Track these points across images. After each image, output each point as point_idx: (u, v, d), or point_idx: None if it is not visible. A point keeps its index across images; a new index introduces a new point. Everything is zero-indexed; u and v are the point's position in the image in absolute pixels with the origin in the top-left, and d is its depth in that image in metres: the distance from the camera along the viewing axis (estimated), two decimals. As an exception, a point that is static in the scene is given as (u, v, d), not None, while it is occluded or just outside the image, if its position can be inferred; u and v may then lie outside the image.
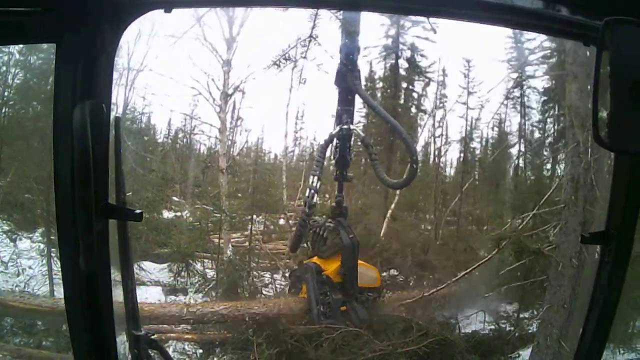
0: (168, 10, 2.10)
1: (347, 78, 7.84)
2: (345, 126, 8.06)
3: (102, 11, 1.95)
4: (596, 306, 2.34)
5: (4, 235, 10.47)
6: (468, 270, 10.38)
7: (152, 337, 2.23)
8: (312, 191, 8.05)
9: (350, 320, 8.58)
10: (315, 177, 8.06)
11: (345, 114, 8.12)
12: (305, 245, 9.81)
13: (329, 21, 9.94)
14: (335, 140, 8.33)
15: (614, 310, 2.32)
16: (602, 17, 1.71)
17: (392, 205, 13.21)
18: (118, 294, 2.18)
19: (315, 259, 9.11)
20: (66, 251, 2.00)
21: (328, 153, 8.72)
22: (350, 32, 7.82)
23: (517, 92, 13.79)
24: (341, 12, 8.64)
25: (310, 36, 10.93)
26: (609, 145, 1.78)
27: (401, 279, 11.85)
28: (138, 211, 2.10)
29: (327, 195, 14.76)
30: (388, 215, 13.13)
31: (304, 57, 11.50)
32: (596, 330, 2.36)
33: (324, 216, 9.48)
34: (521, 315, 10.37)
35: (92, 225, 1.91)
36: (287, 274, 10.63)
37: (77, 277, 1.99)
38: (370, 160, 8.93)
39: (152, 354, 2.25)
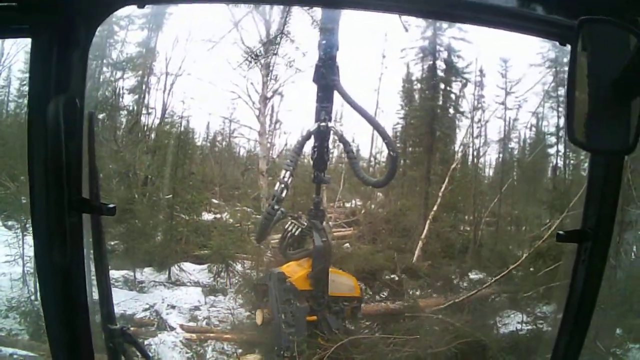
0: (141, 5, 2.12)
1: (325, 74, 7.75)
2: (323, 123, 7.93)
3: (76, 6, 1.97)
4: (573, 306, 2.35)
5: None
6: (502, 274, 10.25)
7: (127, 331, 2.24)
8: (282, 185, 7.89)
9: (320, 330, 8.36)
10: (288, 172, 7.89)
11: (323, 111, 7.98)
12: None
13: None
14: (313, 140, 8.21)
15: (591, 310, 2.33)
16: (577, 16, 1.71)
17: (435, 207, 12.99)
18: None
19: (281, 267, 8.92)
20: (40, 245, 2.01)
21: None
22: (328, 27, 7.71)
23: (554, 92, 13.50)
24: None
25: (282, 32, 10.96)
26: (584, 145, 1.79)
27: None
28: (111, 205, 2.10)
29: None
30: (430, 217, 12.91)
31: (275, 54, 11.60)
32: (573, 331, 2.37)
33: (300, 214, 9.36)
34: (558, 316, 10.06)
35: (65, 219, 1.93)
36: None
37: (52, 271, 2.01)
38: (347, 159, 8.77)
39: (128, 348, 2.25)
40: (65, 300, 2.07)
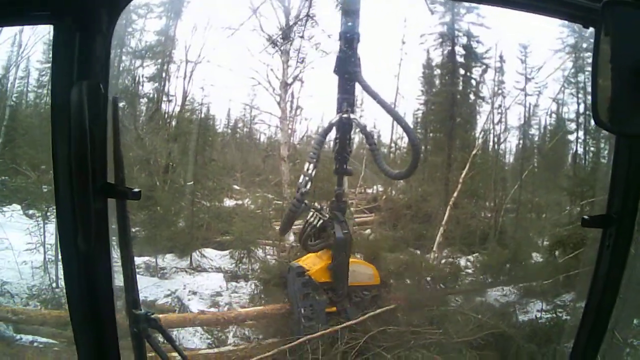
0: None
1: (347, 65, 7.73)
2: (345, 115, 7.92)
3: (98, -8, 1.95)
4: (597, 291, 2.30)
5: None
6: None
7: (152, 316, 2.23)
8: (307, 178, 7.92)
9: (339, 321, 8.37)
10: (311, 165, 7.93)
11: (345, 102, 7.98)
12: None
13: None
14: (334, 131, 8.21)
15: (615, 295, 2.28)
16: (602, -2, 1.67)
17: (455, 193, 12.90)
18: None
19: (300, 260, 9.06)
20: (65, 231, 2.01)
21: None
22: (349, 19, 7.70)
23: (574, 79, 13.30)
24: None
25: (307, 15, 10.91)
26: (609, 128, 1.78)
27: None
28: (136, 190, 2.09)
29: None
30: (450, 203, 12.85)
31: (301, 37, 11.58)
32: (597, 315, 2.32)
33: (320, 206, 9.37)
34: (577, 305, 9.96)
35: (90, 205, 1.92)
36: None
37: (76, 257, 2.00)
38: (370, 151, 8.79)
39: (152, 333, 2.25)
40: (90, 286, 2.07)
